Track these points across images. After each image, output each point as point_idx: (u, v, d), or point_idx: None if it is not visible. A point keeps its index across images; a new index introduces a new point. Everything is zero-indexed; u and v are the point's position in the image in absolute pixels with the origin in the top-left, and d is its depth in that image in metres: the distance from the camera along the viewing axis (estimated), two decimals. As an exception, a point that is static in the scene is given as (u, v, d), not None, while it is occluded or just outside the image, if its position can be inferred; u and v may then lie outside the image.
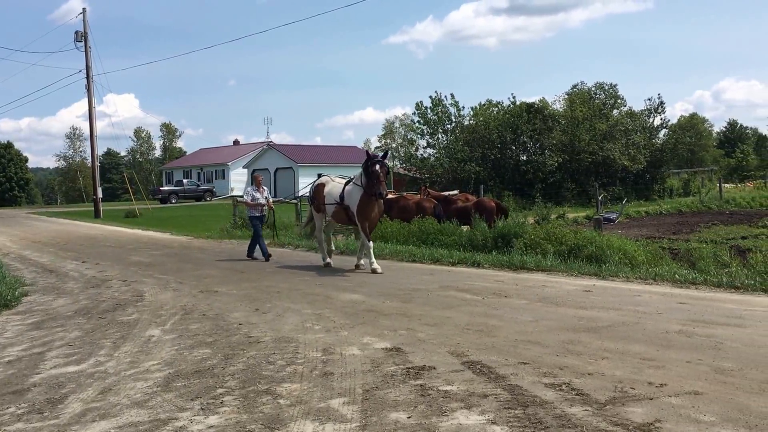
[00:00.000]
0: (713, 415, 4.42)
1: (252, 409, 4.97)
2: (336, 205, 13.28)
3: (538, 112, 40.99)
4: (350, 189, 13.09)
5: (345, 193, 13.13)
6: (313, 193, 14.27)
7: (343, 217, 13.49)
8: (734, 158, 78.66)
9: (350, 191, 13.05)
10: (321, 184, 14.05)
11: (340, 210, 13.24)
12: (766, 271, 9.90)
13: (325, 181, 14.09)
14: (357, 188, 12.88)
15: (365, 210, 12.78)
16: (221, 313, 8.95)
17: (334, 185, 13.69)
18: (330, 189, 13.63)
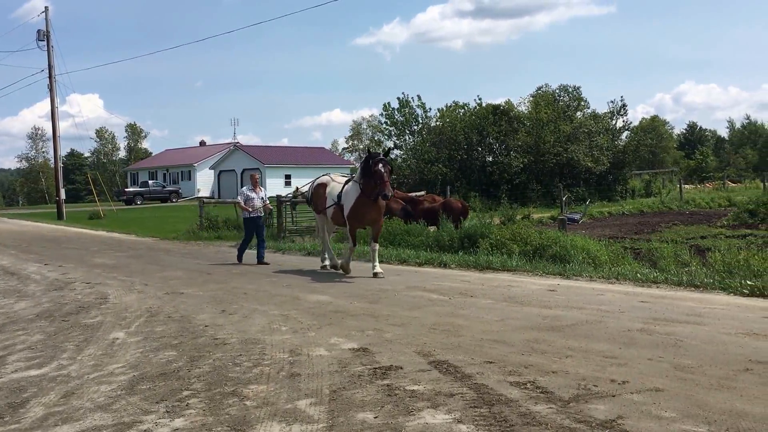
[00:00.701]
0: (674, 411, 4.52)
1: (218, 411, 4.95)
2: (334, 205, 12.50)
3: (504, 114, 41.37)
4: (348, 188, 12.31)
5: (342, 192, 12.35)
6: (312, 194, 13.53)
7: (341, 220, 12.52)
8: (694, 160, 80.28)
9: (347, 191, 12.27)
10: (322, 184, 13.26)
11: (338, 211, 12.41)
12: (724, 269, 10.13)
13: (326, 180, 13.27)
14: (355, 188, 12.06)
15: (357, 213, 11.94)
16: (187, 315, 8.88)
17: (335, 185, 12.85)
18: (331, 189, 12.83)
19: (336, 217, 12.63)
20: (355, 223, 12.12)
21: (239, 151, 65.50)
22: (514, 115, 42.01)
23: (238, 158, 64.35)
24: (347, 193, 12.20)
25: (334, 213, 12.55)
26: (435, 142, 40.84)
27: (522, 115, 42.89)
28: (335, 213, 12.53)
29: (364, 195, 11.79)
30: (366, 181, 11.73)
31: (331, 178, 13.24)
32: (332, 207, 12.53)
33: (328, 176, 13.49)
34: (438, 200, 20.00)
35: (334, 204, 12.43)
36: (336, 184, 12.80)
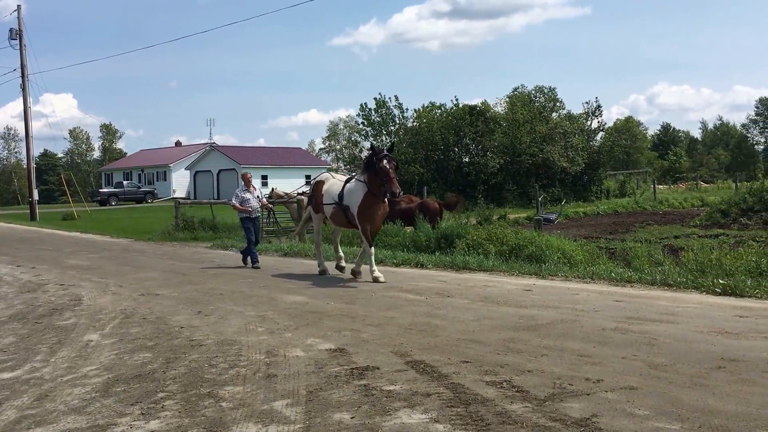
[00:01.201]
0: (647, 409, 4.58)
1: (194, 413, 4.92)
2: (334, 205, 11.75)
3: (480, 115, 41.58)
4: (351, 187, 11.55)
5: (345, 191, 11.59)
6: (311, 192, 12.90)
7: (342, 220, 11.84)
8: (667, 160, 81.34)
9: (351, 189, 11.51)
10: (320, 181, 12.58)
11: (339, 211, 11.70)
12: (697, 269, 10.27)
13: (324, 178, 12.66)
14: (360, 186, 11.36)
15: (368, 211, 11.22)
16: (162, 316, 8.81)
17: (333, 183, 12.19)
18: (329, 187, 12.12)
19: (336, 218, 11.91)
20: (367, 223, 11.30)
21: (215, 151, 65.12)
22: (490, 116, 42.26)
23: (214, 159, 63.98)
24: (351, 191, 11.47)
25: (334, 213, 11.85)
26: (412, 143, 40.93)
27: (498, 116, 43.16)
28: (335, 213, 11.82)
29: (371, 192, 11.16)
30: (371, 178, 11.11)
31: (331, 176, 12.66)
32: (331, 206, 11.84)
33: (328, 174, 12.95)
34: (415, 201, 20.04)
35: (334, 203, 11.75)
36: (335, 182, 12.15)
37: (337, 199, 11.63)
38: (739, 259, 10.29)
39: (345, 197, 11.51)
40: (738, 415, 4.41)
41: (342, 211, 11.58)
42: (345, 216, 11.59)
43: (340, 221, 11.92)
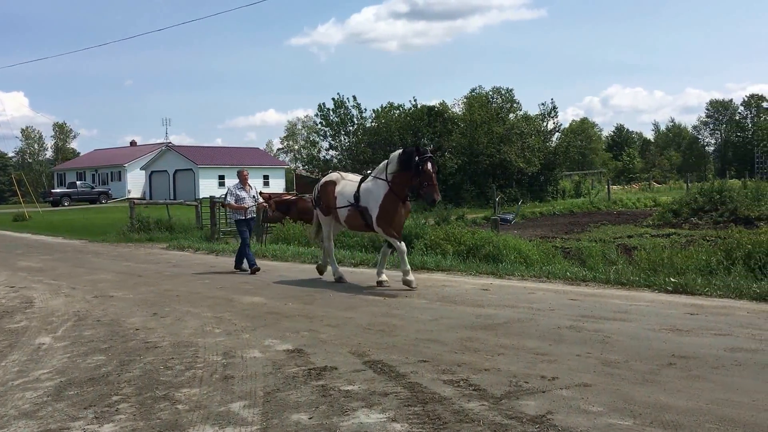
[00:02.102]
0: (601, 406, 4.66)
1: (149, 416, 4.84)
2: (350, 207, 10.77)
3: (439, 115, 41.89)
4: (370, 186, 10.58)
5: (362, 191, 10.64)
6: (318, 193, 11.64)
7: (358, 222, 10.85)
8: (621, 161, 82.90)
9: (369, 189, 10.54)
10: (330, 181, 11.47)
11: (355, 213, 10.72)
12: (649, 268, 10.49)
13: (335, 178, 11.53)
14: (381, 185, 10.39)
15: (389, 212, 10.27)
16: (117, 318, 8.65)
17: (347, 183, 11.18)
18: (343, 188, 11.09)
19: (352, 221, 10.92)
20: (387, 224, 10.32)
21: (171, 151, 64.19)
22: (448, 117, 42.60)
23: (170, 159, 63.05)
24: (369, 192, 10.49)
25: (350, 216, 10.87)
26: (370, 143, 40.99)
27: (456, 117, 43.51)
28: (351, 216, 10.85)
29: (394, 193, 10.23)
30: (401, 177, 10.12)
31: (341, 176, 11.60)
32: (346, 208, 10.86)
33: (337, 173, 11.88)
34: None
35: (349, 205, 10.76)
36: (349, 182, 11.14)
37: (353, 200, 10.67)
38: (689, 258, 10.54)
39: (362, 198, 10.57)
40: (688, 410, 4.52)
41: (359, 213, 10.63)
42: (362, 218, 10.62)
43: (356, 224, 11.00)
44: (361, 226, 10.98)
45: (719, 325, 7.05)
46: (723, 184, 27.26)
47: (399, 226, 10.53)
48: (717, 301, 8.49)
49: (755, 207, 23.17)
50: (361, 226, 10.95)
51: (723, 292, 8.76)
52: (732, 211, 23.51)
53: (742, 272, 9.54)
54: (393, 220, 10.29)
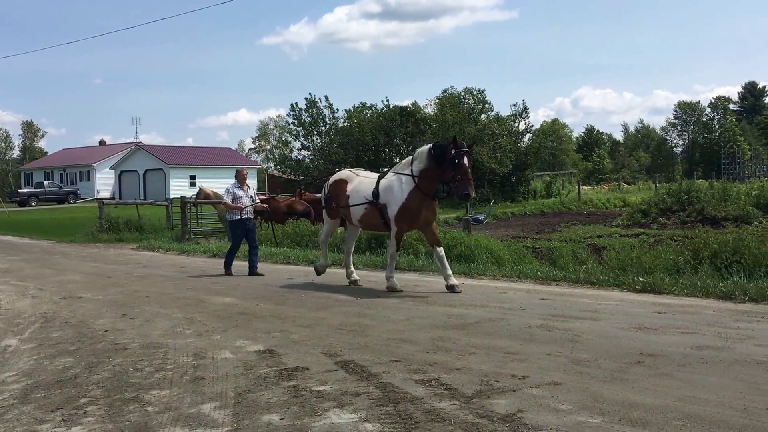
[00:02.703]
0: (570, 404, 4.71)
1: (118, 418, 4.78)
2: (367, 205, 10.15)
3: (411, 116, 41.97)
4: (392, 183, 9.95)
5: (382, 188, 10.02)
6: (329, 192, 10.96)
7: (375, 221, 10.25)
8: (591, 162, 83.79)
9: (391, 186, 9.92)
10: (341, 180, 10.81)
11: (373, 212, 10.10)
12: (618, 267, 10.63)
13: (346, 176, 10.87)
14: (405, 180, 9.81)
15: (412, 211, 9.73)
16: (85, 319, 8.53)
17: (362, 180, 10.53)
18: (357, 185, 10.46)
19: (368, 219, 10.30)
20: (406, 224, 9.92)
21: (142, 150, 63.49)
22: (420, 117, 42.69)
23: (140, 158, 62.35)
24: (391, 188, 9.91)
25: (366, 214, 10.23)
26: (342, 143, 40.96)
27: (428, 117, 43.62)
28: (367, 215, 10.21)
29: (421, 190, 9.71)
30: (431, 173, 9.65)
31: (354, 173, 10.96)
32: (362, 207, 10.22)
33: (348, 171, 11.27)
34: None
35: (366, 203, 10.14)
36: (364, 179, 10.53)
37: (372, 197, 10.04)
38: (657, 257, 10.70)
39: (382, 195, 9.96)
40: (655, 407, 4.58)
41: (377, 211, 10.05)
42: (381, 217, 10.06)
43: (373, 223, 10.40)
44: (379, 225, 10.40)
45: (686, 323, 7.16)
46: (690, 184, 27.66)
47: (426, 226, 10.02)
48: (684, 299, 8.63)
49: (721, 207, 23.56)
50: (378, 225, 10.36)
51: (690, 291, 8.90)
52: (699, 211, 23.89)
53: (709, 271, 9.71)
54: (415, 219, 9.83)
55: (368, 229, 11.30)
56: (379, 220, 10.13)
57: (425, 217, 9.90)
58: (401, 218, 9.77)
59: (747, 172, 51.14)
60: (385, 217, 9.97)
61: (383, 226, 10.25)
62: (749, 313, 7.65)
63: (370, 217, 10.20)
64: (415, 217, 9.77)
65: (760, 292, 8.40)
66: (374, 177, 10.50)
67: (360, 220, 10.43)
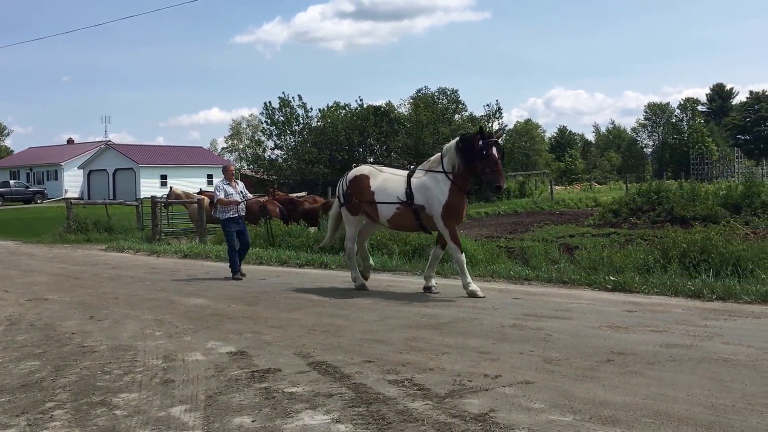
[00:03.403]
0: (542, 403, 4.72)
1: (85, 423, 4.69)
2: (399, 206, 9.61)
3: (385, 115, 42.03)
4: (426, 182, 9.48)
5: (415, 187, 9.51)
6: (349, 188, 10.22)
7: (408, 222, 9.76)
8: (564, 162, 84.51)
9: (426, 185, 9.45)
10: (363, 175, 10.16)
11: (406, 212, 9.57)
12: (590, 266, 10.71)
13: (368, 172, 10.24)
14: (440, 178, 9.40)
15: (457, 209, 9.38)
16: (52, 322, 8.37)
17: (388, 177, 9.96)
18: (383, 183, 9.86)
19: (400, 220, 9.76)
20: (455, 221, 9.46)
21: (111, 150, 62.69)
22: (394, 117, 42.76)
23: (109, 157, 61.56)
24: (427, 188, 9.43)
25: (398, 214, 9.68)
26: (316, 143, 40.86)
27: (402, 117, 43.69)
28: (399, 215, 9.67)
29: (458, 187, 9.35)
30: (464, 167, 9.29)
31: (376, 169, 10.31)
32: (393, 206, 9.67)
33: (370, 166, 10.63)
34: (319, 201, 20.00)
35: (398, 203, 9.60)
36: (390, 177, 9.99)
37: (405, 197, 9.53)
38: (628, 256, 10.80)
39: (416, 195, 9.48)
40: (625, 405, 4.62)
41: (412, 212, 9.54)
42: (415, 218, 9.58)
43: (406, 224, 9.91)
44: (412, 226, 9.95)
45: (656, 321, 7.24)
46: (660, 185, 28.00)
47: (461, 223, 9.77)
48: (654, 298, 8.73)
49: (690, 207, 23.87)
50: (411, 226, 9.90)
51: (659, 290, 9.01)
52: (668, 211, 24.20)
53: (678, 270, 9.83)
54: (461, 216, 9.53)
55: (398, 229, 10.91)
56: (413, 221, 9.66)
57: (462, 213, 9.67)
58: (449, 217, 9.33)
59: (715, 172, 52.06)
60: (421, 218, 9.55)
61: (417, 226, 9.83)
62: (717, 311, 7.76)
63: (402, 218, 9.71)
64: (460, 213, 9.51)
65: (728, 290, 8.53)
66: (401, 174, 10.00)
67: (390, 220, 9.88)
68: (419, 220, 9.58)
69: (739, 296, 8.34)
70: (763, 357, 5.72)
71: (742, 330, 6.77)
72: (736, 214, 23.12)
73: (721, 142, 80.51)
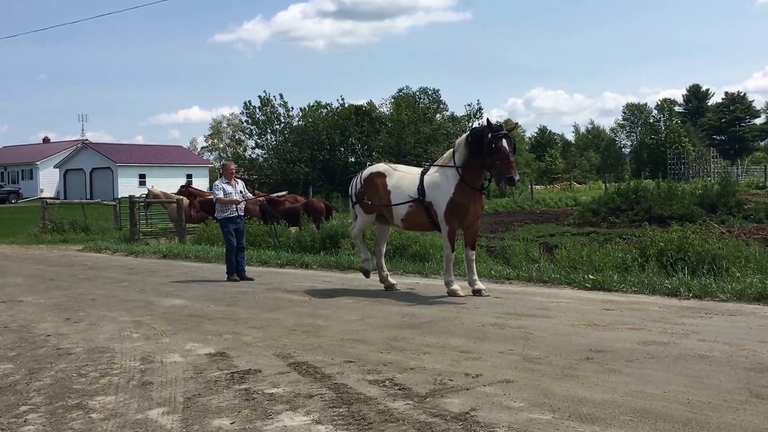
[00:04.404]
0: (522, 401, 4.73)
1: (60, 426, 4.62)
2: (412, 203, 9.40)
3: (366, 115, 42.01)
4: (436, 178, 9.32)
5: (427, 184, 9.32)
6: (363, 188, 9.99)
7: (421, 221, 9.54)
8: (544, 162, 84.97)
9: (436, 181, 9.27)
10: (378, 173, 9.92)
11: (419, 210, 9.38)
12: (570, 265, 10.77)
13: (384, 170, 9.98)
14: (450, 174, 9.18)
15: (462, 206, 9.11)
16: (26, 324, 8.25)
17: (402, 175, 9.76)
18: (398, 181, 9.66)
19: (413, 219, 9.54)
20: (457, 221, 9.24)
21: (88, 149, 62.09)
22: (376, 116, 42.74)
23: (87, 156, 60.94)
24: (437, 184, 9.24)
25: (411, 213, 9.46)
26: (297, 142, 40.74)
27: (384, 116, 43.68)
28: (413, 213, 9.46)
29: (467, 183, 9.10)
30: (474, 163, 9.02)
31: (392, 167, 10.08)
32: (407, 205, 9.45)
33: (385, 164, 10.41)
34: (300, 200, 19.92)
35: (411, 201, 9.39)
36: (405, 174, 9.78)
37: (418, 194, 9.33)
38: (607, 255, 10.87)
39: (428, 191, 9.28)
40: (604, 402, 4.64)
41: (423, 209, 9.35)
42: (427, 215, 9.38)
43: (419, 223, 9.67)
44: (425, 225, 9.69)
45: (633, 319, 7.29)
46: (638, 184, 28.24)
47: (473, 222, 9.41)
48: (632, 296, 8.80)
49: (667, 206, 24.10)
50: (424, 224, 9.66)
51: (637, 288, 9.07)
52: (646, 210, 24.41)
53: (655, 269, 9.91)
54: (465, 215, 9.19)
55: (412, 229, 10.67)
56: (425, 219, 9.46)
57: (476, 212, 9.38)
58: (451, 215, 9.13)
59: (691, 172, 52.66)
60: (432, 215, 9.34)
61: (429, 225, 9.60)
62: (693, 309, 7.83)
63: (415, 216, 9.48)
64: (465, 212, 9.17)
65: (704, 288, 8.61)
66: (415, 172, 9.81)
67: (404, 220, 9.63)
68: (431, 217, 9.36)
69: (715, 294, 8.43)
70: (739, 354, 5.78)
71: (718, 327, 6.84)
72: (712, 213, 23.40)
73: (698, 142, 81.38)
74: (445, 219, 9.17)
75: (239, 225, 11.94)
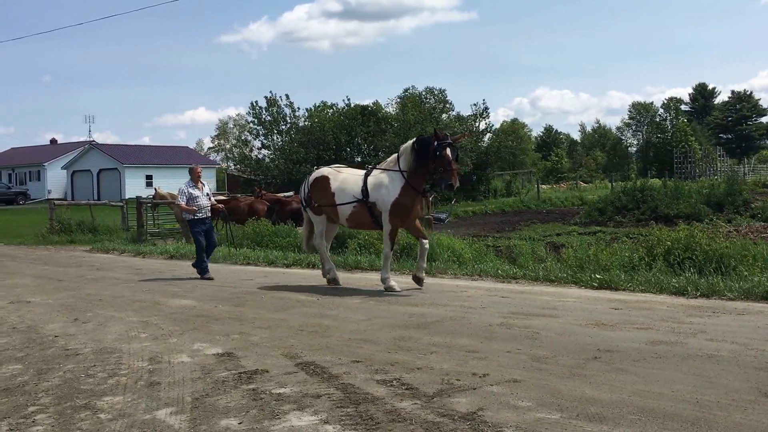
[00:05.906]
0: (530, 401, 4.73)
1: (68, 427, 4.63)
2: (356, 203, 9.94)
3: (372, 115, 41.98)
4: (382, 179, 9.83)
5: (371, 185, 9.85)
6: (309, 191, 10.62)
7: (364, 220, 10.09)
8: (550, 161, 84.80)
9: (381, 182, 9.79)
10: (323, 177, 10.47)
11: (362, 209, 9.91)
12: (576, 264, 10.76)
13: (329, 173, 10.51)
14: (395, 177, 9.73)
15: (406, 207, 9.65)
16: (34, 325, 8.28)
17: (347, 177, 10.29)
18: (342, 183, 10.18)
19: (357, 218, 10.13)
20: (400, 221, 9.75)
21: (95, 149, 62.22)
22: (382, 116, 42.70)
23: (94, 157, 61.10)
24: (381, 185, 9.77)
25: (355, 213, 10.02)
26: (303, 142, 40.74)
27: (390, 116, 43.66)
28: (356, 213, 10.01)
29: (411, 186, 9.66)
30: (419, 168, 9.59)
31: (336, 170, 10.62)
32: (350, 205, 10.00)
33: (330, 168, 10.89)
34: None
35: (355, 201, 9.93)
36: (349, 177, 10.30)
37: (362, 195, 9.84)
38: (613, 254, 10.84)
39: (371, 192, 9.80)
40: (612, 402, 4.63)
41: (367, 209, 9.86)
42: (370, 215, 9.91)
43: (362, 221, 10.22)
44: (368, 224, 10.25)
45: (641, 319, 7.27)
46: (645, 183, 28.27)
47: (413, 221, 9.94)
48: (639, 295, 8.77)
49: (674, 205, 24.06)
50: (368, 223, 10.21)
51: (644, 288, 9.05)
52: (653, 209, 24.39)
53: (663, 268, 9.88)
54: (408, 216, 9.73)
55: (357, 227, 11.29)
56: (369, 218, 9.99)
57: (417, 212, 9.94)
58: (395, 214, 9.67)
59: (698, 171, 52.42)
60: (375, 215, 9.86)
61: (372, 224, 10.12)
62: (701, 308, 7.80)
63: (359, 216, 10.03)
64: (408, 213, 9.71)
65: (711, 287, 8.58)
66: (358, 173, 10.31)
67: (349, 219, 10.22)
68: (374, 217, 9.90)
69: (722, 293, 8.40)
70: (747, 353, 5.76)
71: (726, 326, 6.82)
72: (719, 212, 23.36)
73: (704, 141, 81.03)
74: (389, 218, 9.72)
75: (208, 225, 12.49)
